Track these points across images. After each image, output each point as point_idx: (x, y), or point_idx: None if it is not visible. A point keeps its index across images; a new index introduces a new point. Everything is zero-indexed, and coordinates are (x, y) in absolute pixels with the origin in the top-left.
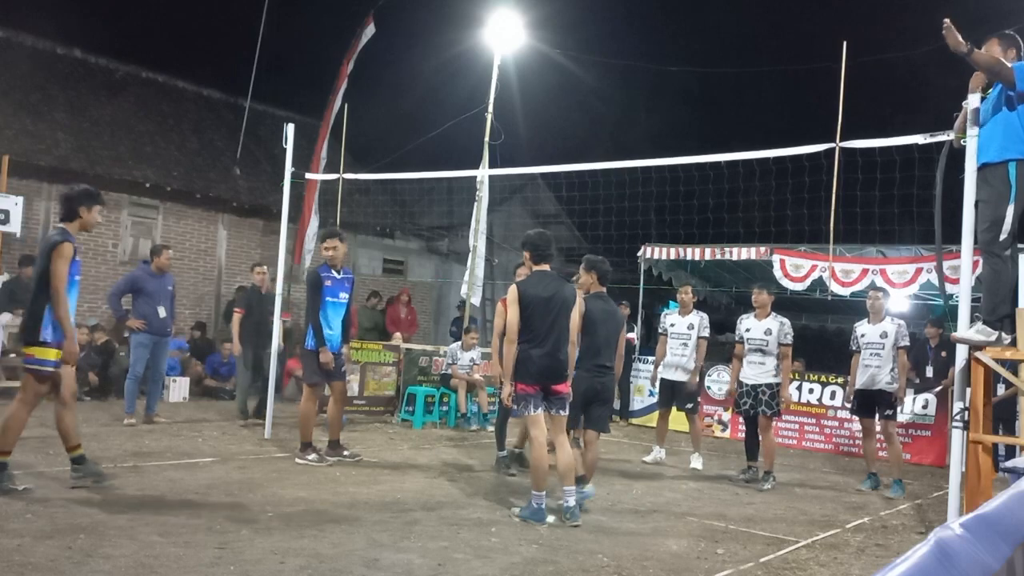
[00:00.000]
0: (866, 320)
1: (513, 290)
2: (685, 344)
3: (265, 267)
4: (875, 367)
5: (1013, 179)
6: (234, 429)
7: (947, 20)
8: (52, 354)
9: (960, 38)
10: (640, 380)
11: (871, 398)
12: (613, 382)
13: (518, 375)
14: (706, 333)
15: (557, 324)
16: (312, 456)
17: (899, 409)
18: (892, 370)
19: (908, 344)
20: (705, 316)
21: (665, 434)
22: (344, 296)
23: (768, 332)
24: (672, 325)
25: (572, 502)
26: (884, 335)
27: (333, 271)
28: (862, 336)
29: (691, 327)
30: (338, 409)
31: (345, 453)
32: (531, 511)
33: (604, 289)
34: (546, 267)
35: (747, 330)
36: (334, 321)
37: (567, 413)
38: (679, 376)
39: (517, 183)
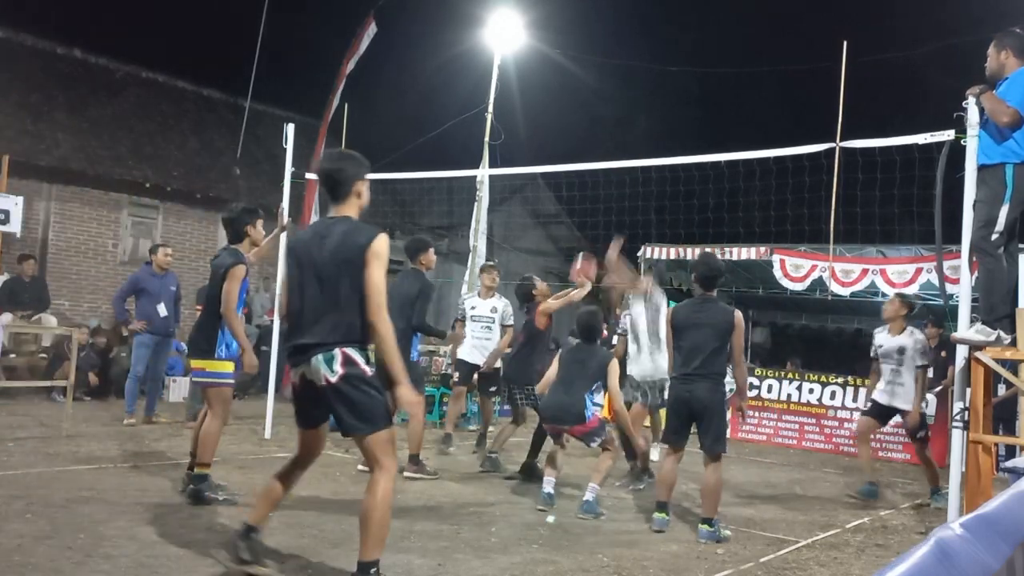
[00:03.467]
0: (885, 329)
1: None
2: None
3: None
4: (896, 384)
5: (1009, 180)
6: (233, 430)
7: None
8: (229, 367)
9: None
10: None
11: (887, 412)
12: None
13: None
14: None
15: None
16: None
17: (927, 433)
18: (913, 388)
19: (926, 363)
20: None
21: (660, 428)
22: None
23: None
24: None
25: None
26: (902, 351)
27: None
28: (879, 346)
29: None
30: (419, 422)
31: (428, 471)
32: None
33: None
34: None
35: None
36: None
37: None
38: None
39: (517, 183)
